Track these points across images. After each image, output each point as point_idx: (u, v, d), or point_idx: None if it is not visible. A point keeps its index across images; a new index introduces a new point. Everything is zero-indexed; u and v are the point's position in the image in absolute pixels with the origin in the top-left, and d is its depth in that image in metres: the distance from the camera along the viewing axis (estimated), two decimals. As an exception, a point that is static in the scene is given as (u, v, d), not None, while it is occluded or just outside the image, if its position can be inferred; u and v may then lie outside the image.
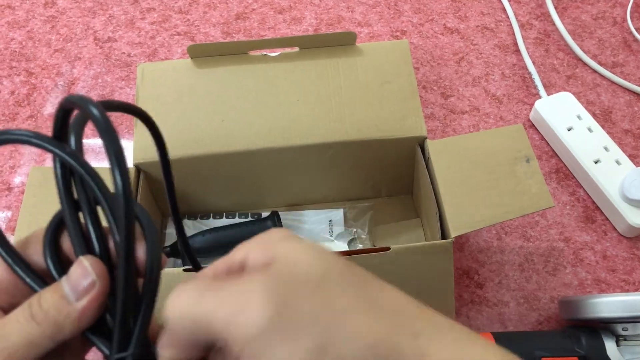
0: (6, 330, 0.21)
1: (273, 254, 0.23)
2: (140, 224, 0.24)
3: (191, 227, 0.54)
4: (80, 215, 0.23)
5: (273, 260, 0.23)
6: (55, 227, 0.24)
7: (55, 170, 0.23)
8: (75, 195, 0.24)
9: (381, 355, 0.21)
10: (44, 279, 0.23)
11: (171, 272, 0.41)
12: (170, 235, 0.54)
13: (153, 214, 0.52)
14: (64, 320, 0.21)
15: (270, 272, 0.22)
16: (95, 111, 0.21)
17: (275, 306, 0.20)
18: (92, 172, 0.22)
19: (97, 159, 0.59)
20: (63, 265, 0.23)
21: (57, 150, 0.22)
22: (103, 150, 0.60)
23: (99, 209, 0.23)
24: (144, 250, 0.23)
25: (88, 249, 0.23)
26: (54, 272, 0.23)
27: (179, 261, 0.51)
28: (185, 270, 0.40)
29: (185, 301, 0.22)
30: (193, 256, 0.31)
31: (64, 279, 0.22)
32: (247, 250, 0.24)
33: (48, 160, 0.59)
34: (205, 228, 0.53)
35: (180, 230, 0.31)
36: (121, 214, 0.21)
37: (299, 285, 0.22)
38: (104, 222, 0.23)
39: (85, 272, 0.22)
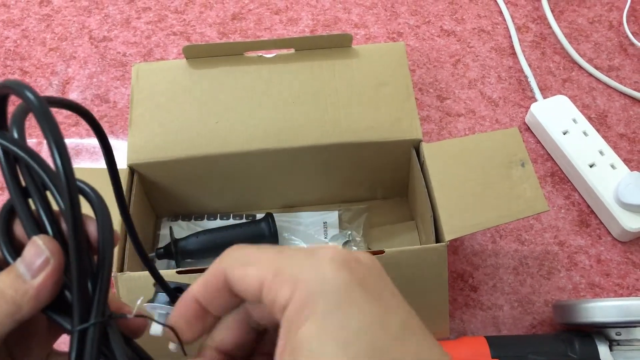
0: None
1: (348, 258, 0.24)
2: (88, 199, 0.24)
3: (185, 229, 0.54)
4: (31, 202, 0.24)
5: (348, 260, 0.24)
6: (7, 215, 0.24)
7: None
8: (23, 183, 0.24)
9: None
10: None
11: (165, 273, 0.40)
12: (164, 236, 0.53)
13: (147, 215, 0.52)
14: (22, 299, 0.22)
15: (345, 261, 0.23)
16: (30, 95, 0.21)
17: (350, 273, 0.22)
18: (37, 157, 0.23)
19: (92, 158, 0.59)
20: (17, 251, 0.23)
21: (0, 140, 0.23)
22: (98, 150, 0.59)
23: (49, 196, 0.23)
24: (95, 227, 0.24)
25: (40, 231, 0.23)
26: (7, 256, 0.23)
27: (173, 262, 0.51)
28: (178, 272, 0.40)
29: (244, 250, 0.24)
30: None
31: (18, 260, 0.22)
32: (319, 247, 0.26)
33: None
34: (200, 229, 0.52)
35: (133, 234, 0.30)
36: (63, 187, 0.21)
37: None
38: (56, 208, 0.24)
39: (38, 250, 0.22)
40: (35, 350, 0.26)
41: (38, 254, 0.22)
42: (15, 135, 0.23)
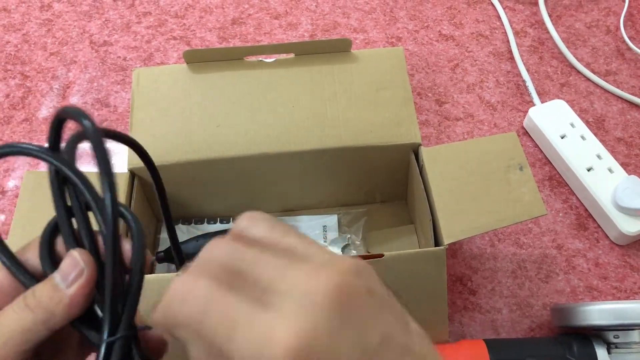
0: (2, 318, 0.23)
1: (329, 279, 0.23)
2: (128, 224, 0.26)
3: (185, 232, 0.54)
4: (74, 221, 0.26)
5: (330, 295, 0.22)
6: (51, 231, 0.26)
7: (50, 178, 0.26)
8: (69, 202, 0.26)
9: None
10: (38, 279, 0.25)
11: (165, 277, 0.41)
12: (165, 240, 0.54)
13: (147, 218, 0.52)
14: (56, 307, 0.23)
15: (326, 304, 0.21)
16: (87, 123, 0.24)
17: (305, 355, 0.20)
18: (83, 179, 0.25)
19: (92, 163, 0.59)
20: (56, 264, 0.25)
21: (52, 160, 0.25)
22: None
23: (91, 215, 0.25)
24: (130, 246, 0.26)
25: (79, 246, 0.25)
26: (46, 268, 0.25)
27: (173, 266, 0.51)
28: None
29: (200, 295, 0.22)
30: (184, 261, 0.33)
31: (56, 271, 0.24)
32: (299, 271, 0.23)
33: (42, 165, 0.59)
34: (200, 233, 0.53)
35: (173, 236, 0.32)
36: (107, 210, 0.23)
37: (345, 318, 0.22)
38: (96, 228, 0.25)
39: (74, 262, 0.24)
40: None
41: (73, 266, 0.23)
42: (67, 157, 0.25)
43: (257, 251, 0.22)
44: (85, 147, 0.62)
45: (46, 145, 0.26)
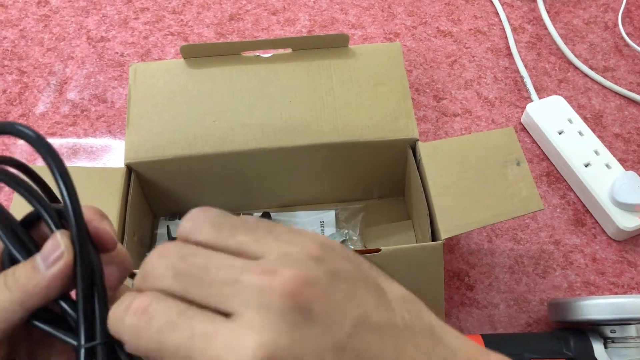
0: None
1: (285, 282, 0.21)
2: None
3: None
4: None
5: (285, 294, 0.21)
6: (31, 218, 0.25)
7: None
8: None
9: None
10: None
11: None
12: (162, 235, 0.54)
13: (144, 214, 0.52)
14: (34, 288, 0.23)
15: (280, 310, 0.21)
16: (27, 131, 0.23)
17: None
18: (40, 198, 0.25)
19: (89, 158, 0.59)
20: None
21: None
22: (96, 149, 0.59)
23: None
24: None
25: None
26: (20, 259, 0.24)
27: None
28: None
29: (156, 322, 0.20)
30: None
31: (38, 253, 0.23)
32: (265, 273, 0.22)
33: (39, 160, 0.59)
34: (197, 228, 0.52)
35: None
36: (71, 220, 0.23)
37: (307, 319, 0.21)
38: None
39: (55, 244, 0.23)
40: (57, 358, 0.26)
41: (54, 248, 0.23)
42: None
43: (207, 256, 0.21)
44: (81, 142, 0.61)
45: None
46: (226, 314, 0.20)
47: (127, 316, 0.21)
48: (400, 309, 0.22)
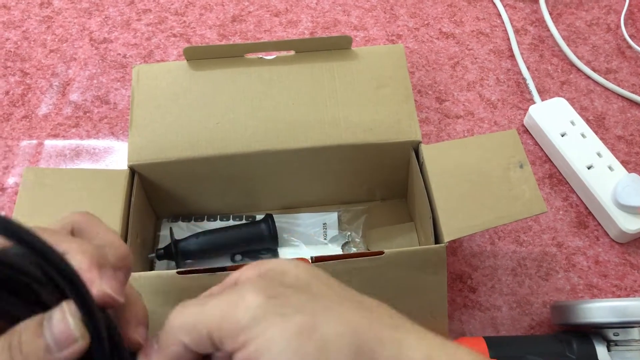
0: None
1: (265, 268, 0.27)
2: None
3: (185, 230, 0.54)
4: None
5: (264, 273, 0.26)
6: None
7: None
8: None
9: (363, 341, 0.23)
10: None
11: (165, 274, 0.41)
12: (165, 237, 0.54)
13: (147, 215, 0.52)
14: None
15: (262, 278, 0.26)
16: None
17: (266, 296, 0.23)
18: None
19: (92, 159, 0.59)
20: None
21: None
22: (98, 151, 0.59)
23: None
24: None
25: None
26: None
27: (173, 263, 0.51)
28: (178, 273, 0.40)
29: (186, 311, 0.24)
30: None
31: (47, 330, 0.22)
32: (240, 271, 0.28)
33: (42, 161, 0.59)
34: (199, 230, 0.53)
35: None
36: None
37: (287, 286, 0.25)
38: None
39: (68, 330, 0.22)
40: None
41: (67, 332, 0.21)
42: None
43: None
44: (84, 144, 0.61)
45: None
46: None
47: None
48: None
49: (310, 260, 0.42)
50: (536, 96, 0.62)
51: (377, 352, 0.22)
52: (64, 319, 0.22)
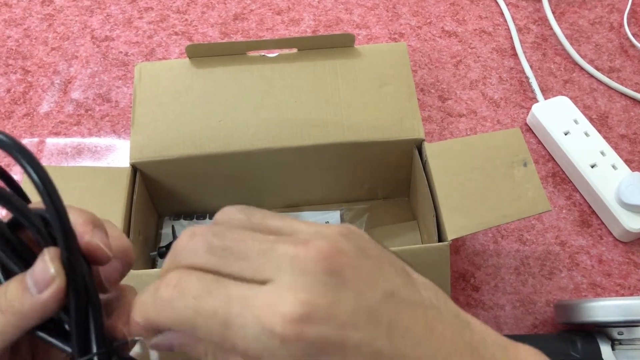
0: None
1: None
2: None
3: (187, 228, 0.54)
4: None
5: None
6: (8, 226, 0.24)
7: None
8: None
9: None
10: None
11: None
12: (166, 235, 0.53)
13: (149, 213, 0.52)
14: (28, 311, 0.22)
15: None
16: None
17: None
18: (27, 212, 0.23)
19: (94, 157, 0.59)
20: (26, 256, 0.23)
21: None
22: (100, 149, 0.59)
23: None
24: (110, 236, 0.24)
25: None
26: (13, 266, 0.23)
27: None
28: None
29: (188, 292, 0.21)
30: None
31: (28, 273, 0.23)
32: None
33: (44, 159, 0.59)
34: (202, 228, 0.52)
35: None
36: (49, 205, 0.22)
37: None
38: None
39: (45, 269, 0.22)
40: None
41: (44, 271, 0.22)
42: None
43: (241, 231, 0.22)
44: (85, 142, 0.61)
45: None
46: (263, 282, 0.20)
47: (160, 291, 0.21)
48: (427, 292, 0.23)
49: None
50: (539, 95, 0.62)
51: None
52: (42, 260, 0.22)
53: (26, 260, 0.23)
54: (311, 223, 0.23)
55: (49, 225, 0.23)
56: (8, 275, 0.23)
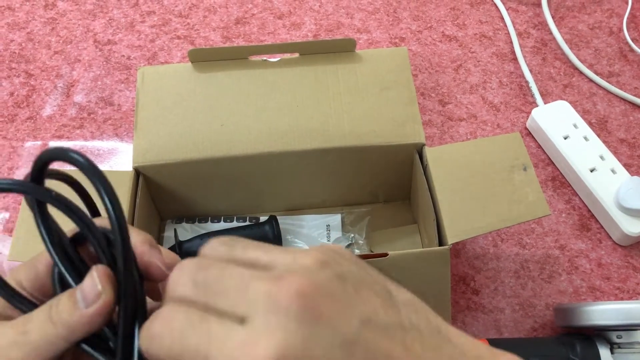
0: (29, 327, 0.24)
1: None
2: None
3: (189, 231, 0.54)
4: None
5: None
6: (70, 241, 0.26)
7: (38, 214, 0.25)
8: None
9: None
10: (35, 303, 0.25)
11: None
12: (169, 238, 0.54)
13: (151, 217, 0.52)
14: (75, 324, 0.24)
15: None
16: (77, 157, 0.24)
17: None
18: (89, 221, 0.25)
19: (97, 160, 0.59)
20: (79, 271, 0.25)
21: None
22: (103, 152, 0.59)
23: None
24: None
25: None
26: (69, 280, 0.25)
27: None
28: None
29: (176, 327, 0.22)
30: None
31: (78, 287, 0.24)
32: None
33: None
34: (203, 232, 0.53)
35: None
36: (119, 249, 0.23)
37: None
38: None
39: (93, 284, 0.24)
40: None
41: (93, 287, 0.24)
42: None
43: (222, 265, 0.23)
44: (88, 145, 0.61)
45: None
46: (241, 319, 0.21)
47: (153, 324, 0.22)
48: (407, 310, 0.23)
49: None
50: (539, 99, 0.63)
51: None
52: (91, 277, 0.24)
53: (81, 276, 0.24)
54: (290, 250, 0.23)
55: (110, 243, 0.24)
56: (64, 287, 0.25)
